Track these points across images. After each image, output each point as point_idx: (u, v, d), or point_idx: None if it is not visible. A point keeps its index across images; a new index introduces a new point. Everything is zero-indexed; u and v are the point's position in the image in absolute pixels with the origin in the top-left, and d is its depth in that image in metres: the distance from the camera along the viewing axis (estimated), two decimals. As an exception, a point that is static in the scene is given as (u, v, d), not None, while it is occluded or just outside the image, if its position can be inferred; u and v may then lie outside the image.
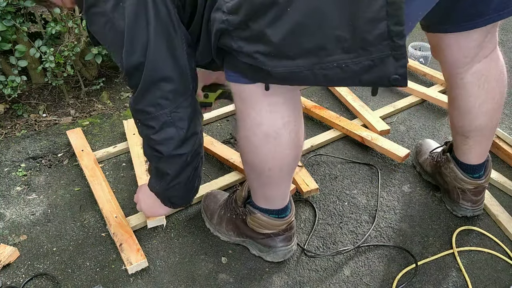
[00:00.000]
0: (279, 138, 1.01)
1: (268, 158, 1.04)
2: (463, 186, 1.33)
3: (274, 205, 1.18)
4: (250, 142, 1.04)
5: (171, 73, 0.97)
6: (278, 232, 1.21)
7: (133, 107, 1.02)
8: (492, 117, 1.22)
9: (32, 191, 1.51)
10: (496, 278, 1.22)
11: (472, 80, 1.16)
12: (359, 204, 1.46)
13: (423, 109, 1.93)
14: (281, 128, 1.00)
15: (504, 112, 1.88)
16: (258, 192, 1.17)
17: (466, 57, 1.13)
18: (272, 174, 1.08)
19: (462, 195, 1.35)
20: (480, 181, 1.31)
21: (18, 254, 1.28)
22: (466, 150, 1.29)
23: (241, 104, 1.00)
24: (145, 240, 1.32)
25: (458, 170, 1.33)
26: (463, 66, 1.15)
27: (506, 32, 2.54)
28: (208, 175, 1.57)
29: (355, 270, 1.25)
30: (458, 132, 1.28)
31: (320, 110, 1.83)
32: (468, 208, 1.36)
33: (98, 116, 1.90)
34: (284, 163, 1.07)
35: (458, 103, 1.23)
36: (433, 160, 1.45)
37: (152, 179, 1.19)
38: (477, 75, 1.15)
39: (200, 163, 1.14)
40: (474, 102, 1.19)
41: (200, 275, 1.23)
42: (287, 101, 0.99)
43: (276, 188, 1.14)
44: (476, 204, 1.36)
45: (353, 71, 0.78)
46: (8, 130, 1.81)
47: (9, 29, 1.69)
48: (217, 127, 1.82)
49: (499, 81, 1.18)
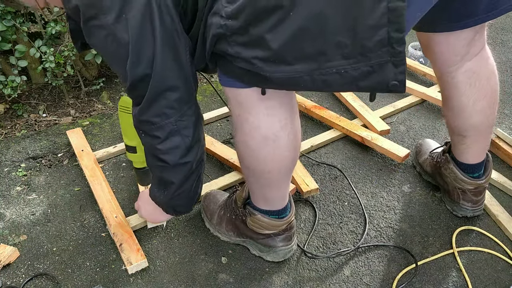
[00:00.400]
0: (277, 141, 1.01)
1: (267, 161, 1.04)
2: (463, 186, 1.33)
3: (274, 206, 1.18)
4: (248, 146, 1.04)
5: (177, 82, 0.95)
6: (278, 232, 1.22)
7: (138, 118, 1.00)
8: (487, 115, 1.22)
9: (32, 191, 1.51)
10: (496, 278, 1.22)
11: (463, 79, 1.17)
12: (359, 204, 1.46)
13: (423, 109, 1.93)
14: (279, 131, 1.00)
15: (504, 112, 1.88)
16: (257, 194, 1.17)
17: (456, 56, 1.14)
18: (271, 176, 1.08)
19: (463, 196, 1.35)
20: (480, 181, 1.31)
21: (18, 254, 1.28)
22: (464, 149, 1.30)
23: (237, 109, 1.00)
24: (145, 240, 1.32)
25: (457, 171, 1.33)
26: (453, 64, 1.16)
27: (506, 32, 2.54)
28: (208, 175, 1.57)
29: (355, 270, 1.25)
30: (455, 132, 1.28)
31: (320, 110, 1.83)
32: (469, 209, 1.36)
33: (98, 116, 1.90)
34: (282, 165, 1.07)
35: (451, 103, 1.23)
36: (433, 161, 1.45)
37: (154, 189, 1.16)
38: (468, 73, 1.16)
39: (202, 170, 1.13)
40: (467, 100, 1.19)
41: (200, 275, 1.23)
42: (284, 104, 0.99)
43: (276, 189, 1.14)
44: (476, 205, 1.36)
45: (352, 76, 0.78)
46: (8, 130, 1.81)
47: (9, 29, 1.69)
48: (217, 127, 1.82)
49: (490, 78, 1.19)
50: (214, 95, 2.04)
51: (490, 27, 2.60)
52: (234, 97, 0.99)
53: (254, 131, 1.00)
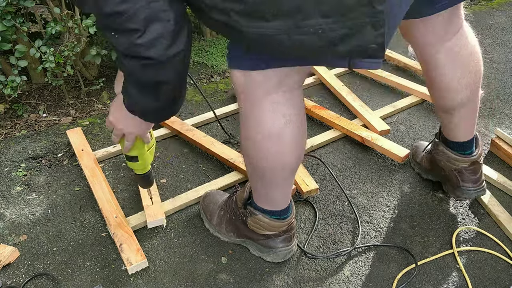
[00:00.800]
0: (281, 137, 1.01)
1: (270, 157, 1.04)
2: (458, 165, 1.34)
3: (276, 206, 1.18)
4: (252, 142, 1.04)
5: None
6: (278, 233, 1.21)
7: (101, 13, 0.82)
8: (473, 91, 1.24)
9: (32, 191, 1.51)
10: (496, 278, 1.22)
11: (445, 57, 1.18)
12: (359, 204, 1.46)
13: (423, 109, 1.93)
14: (283, 127, 1.00)
15: (504, 112, 1.88)
16: (260, 193, 1.17)
17: (435, 35, 1.15)
18: (274, 174, 1.08)
19: (461, 177, 1.35)
20: (473, 157, 1.32)
21: (18, 254, 1.28)
22: (453, 127, 1.31)
23: (243, 102, 1.01)
24: (145, 240, 1.33)
25: (448, 151, 1.34)
26: (434, 44, 1.17)
27: (506, 32, 2.54)
28: (208, 175, 1.57)
29: (355, 270, 1.25)
30: (443, 111, 1.30)
31: (320, 110, 1.83)
32: (471, 189, 1.36)
33: (98, 116, 1.90)
34: (286, 162, 1.07)
35: (437, 84, 1.24)
36: (429, 154, 1.48)
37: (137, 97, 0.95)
38: (450, 52, 1.17)
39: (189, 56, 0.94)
40: (451, 79, 1.21)
41: (200, 275, 1.23)
42: (288, 100, 0.99)
43: (279, 188, 1.14)
44: (476, 184, 1.35)
45: (329, 38, 0.76)
46: (8, 130, 1.81)
47: (9, 29, 1.69)
48: (217, 127, 1.82)
49: (472, 53, 1.20)
50: (214, 95, 2.04)
51: (490, 27, 2.60)
52: (240, 89, 0.99)
53: (257, 126, 1.00)
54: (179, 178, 1.56)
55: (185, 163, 1.63)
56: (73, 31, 1.81)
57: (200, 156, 1.66)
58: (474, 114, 1.30)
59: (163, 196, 1.47)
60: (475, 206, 1.44)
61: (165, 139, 1.75)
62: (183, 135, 1.72)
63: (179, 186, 1.53)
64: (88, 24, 1.79)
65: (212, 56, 2.36)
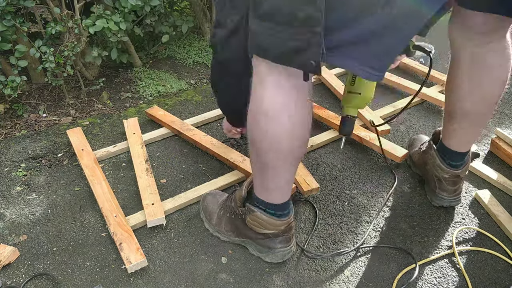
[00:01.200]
0: (275, 118, 1.00)
1: (263, 135, 1.04)
2: (440, 174, 1.36)
3: (273, 198, 1.17)
4: (252, 117, 1.04)
5: None
6: (277, 233, 1.21)
7: None
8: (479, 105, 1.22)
9: (32, 191, 1.51)
10: (496, 278, 1.22)
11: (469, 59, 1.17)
12: (359, 204, 1.46)
13: (423, 109, 1.93)
14: (279, 110, 0.99)
15: (504, 112, 1.88)
16: (258, 179, 1.16)
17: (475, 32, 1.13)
18: (270, 156, 1.06)
19: (439, 184, 1.37)
20: (457, 171, 1.33)
21: (18, 254, 1.28)
22: (451, 132, 1.31)
23: (255, 77, 1.01)
24: (145, 240, 1.32)
25: (436, 156, 1.36)
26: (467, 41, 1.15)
27: (506, 32, 2.54)
28: (208, 175, 1.57)
29: (355, 270, 1.25)
30: (446, 110, 1.30)
31: (320, 110, 1.83)
32: (445, 198, 1.38)
33: (98, 116, 1.90)
34: (280, 148, 1.05)
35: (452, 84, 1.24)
36: (421, 151, 1.49)
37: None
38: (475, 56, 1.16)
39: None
40: (464, 81, 1.20)
41: (200, 275, 1.23)
42: (292, 88, 0.98)
43: (275, 175, 1.12)
44: (452, 195, 1.37)
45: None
46: (8, 130, 1.81)
47: (9, 29, 1.69)
48: (217, 127, 1.82)
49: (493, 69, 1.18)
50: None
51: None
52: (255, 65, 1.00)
53: (260, 102, 1.01)
54: (179, 178, 1.56)
55: (185, 163, 1.63)
56: (73, 31, 1.81)
57: (200, 156, 1.66)
58: (475, 130, 1.29)
59: (163, 196, 1.47)
60: (475, 206, 1.44)
61: (165, 139, 1.75)
62: (183, 135, 1.72)
63: (179, 186, 1.53)
64: (88, 24, 1.79)
65: (212, 56, 2.36)
